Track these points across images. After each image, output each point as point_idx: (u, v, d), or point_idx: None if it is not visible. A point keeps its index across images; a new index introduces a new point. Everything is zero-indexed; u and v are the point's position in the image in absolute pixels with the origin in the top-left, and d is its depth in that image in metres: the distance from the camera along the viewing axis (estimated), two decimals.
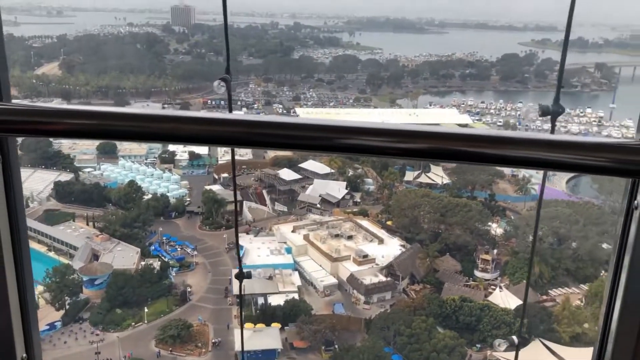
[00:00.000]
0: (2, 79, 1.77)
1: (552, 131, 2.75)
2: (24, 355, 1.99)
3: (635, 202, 1.81)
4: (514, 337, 51.08)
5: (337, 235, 68.57)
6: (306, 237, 68.37)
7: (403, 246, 67.44)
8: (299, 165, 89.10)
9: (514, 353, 49.85)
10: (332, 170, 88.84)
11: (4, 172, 1.84)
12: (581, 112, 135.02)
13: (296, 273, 62.80)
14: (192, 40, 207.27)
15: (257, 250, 65.60)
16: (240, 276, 3.85)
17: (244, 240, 67.28)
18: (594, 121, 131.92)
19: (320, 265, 64.19)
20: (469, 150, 1.45)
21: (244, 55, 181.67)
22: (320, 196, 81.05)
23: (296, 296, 57.95)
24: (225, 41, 3.78)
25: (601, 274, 62.42)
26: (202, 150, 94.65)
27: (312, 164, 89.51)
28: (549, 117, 2.65)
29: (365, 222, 73.36)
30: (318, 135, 1.50)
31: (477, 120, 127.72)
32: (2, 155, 1.83)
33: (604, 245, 66.85)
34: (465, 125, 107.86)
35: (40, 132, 1.60)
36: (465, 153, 1.45)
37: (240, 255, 35.04)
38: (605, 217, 71.82)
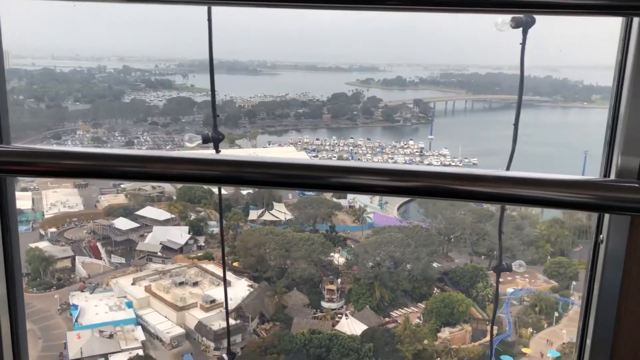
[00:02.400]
0: (2, 123, 1.84)
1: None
2: None
3: (601, 236, 1.93)
4: None
5: (181, 283, 66.16)
6: (148, 289, 65.01)
7: (251, 286, 67.05)
8: (136, 212, 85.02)
9: None
10: (173, 215, 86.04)
11: (1, 211, 1.85)
12: (405, 144, 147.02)
13: (139, 328, 59.24)
14: (8, 86, 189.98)
15: (95, 308, 60.87)
16: None
17: (79, 298, 62.16)
18: (417, 152, 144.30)
19: (166, 316, 61.31)
20: (455, 188, 1.53)
21: (69, 100, 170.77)
22: (161, 244, 77.88)
23: (140, 352, 54.56)
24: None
25: (434, 291, 67.52)
26: (25, 204, 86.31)
27: (150, 211, 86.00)
28: (361, 149, 2.80)
29: (210, 266, 71.80)
30: (309, 174, 1.54)
31: (314, 156, 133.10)
32: (1, 195, 1.84)
33: (435, 265, 72.65)
34: None
35: (36, 173, 1.66)
36: (451, 191, 1.53)
37: (75, 315, 32.35)
38: (433, 238, 78.19)
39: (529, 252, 77.36)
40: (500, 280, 72.17)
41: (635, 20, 1.66)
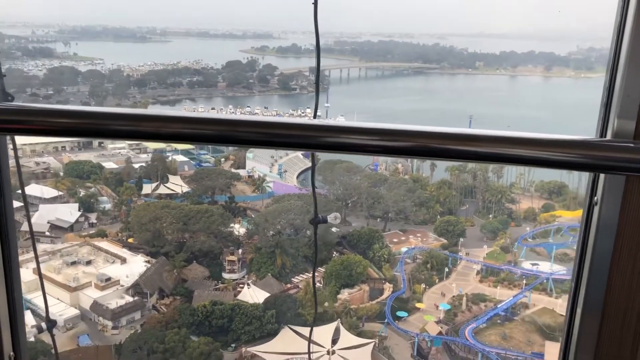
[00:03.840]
0: None
1: None
2: (12, 353, 2.04)
3: (595, 198, 1.90)
4: None
5: (73, 263, 63.12)
6: (36, 271, 61.39)
7: (148, 262, 65.32)
8: (18, 191, 79.32)
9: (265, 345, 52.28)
10: (61, 193, 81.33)
11: None
12: (302, 112, 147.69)
13: (28, 312, 55.98)
14: None
15: None
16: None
17: None
18: None
19: (58, 298, 58.35)
20: (447, 148, 1.51)
21: None
22: (49, 223, 73.47)
23: (32, 338, 51.68)
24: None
25: (334, 255, 69.43)
26: None
27: (35, 188, 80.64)
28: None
29: (104, 244, 68.98)
30: (301, 133, 1.53)
31: None
32: None
33: (333, 229, 74.48)
34: None
35: (30, 131, 1.61)
36: (443, 150, 1.51)
37: None
38: (332, 204, 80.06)
39: (420, 212, 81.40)
40: (395, 240, 75.25)
41: None
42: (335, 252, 70.87)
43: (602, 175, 1.84)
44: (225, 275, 65.07)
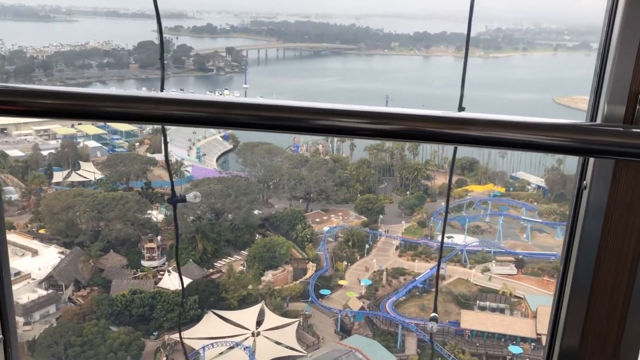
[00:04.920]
0: None
1: None
2: (1, 336, 2.07)
3: (585, 182, 1.90)
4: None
5: None
6: None
7: (62, 253, 62.38)
8: None
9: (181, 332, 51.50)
10: None
11: None
12: (220, 94, 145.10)
13: None
14: None
15: None
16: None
17: None
18: None
19: None
20: (440, 132, 1.51)
21: None
22: None
23: None
24: None
25: (257, 238, 69.26)
26: None
27: None
28: None
29: (12, 236, 64.99)
30: (293, 116, 1.53)
31: None
32: None
33: (256, 212, 74.22)
34: None
35: (17, 113, 1.58)
36: (436, 134, 1.52)
37: None
38: (253, 187, 79.57)
39: (341, 192, 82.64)
40: (317, 220, 76.02)
41: None
42: (258, 235, 70.71)
43: (591, 160, 1.86)
44: (145, 263, 63.34)
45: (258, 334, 53.15)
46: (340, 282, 63.12)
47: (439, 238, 73.11)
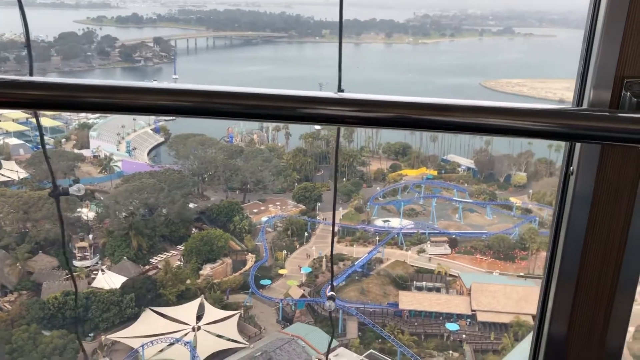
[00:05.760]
0: None
1: None
2: None
3: (571, 167, 1.86)
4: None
5: None
6: None
7: None
8: None
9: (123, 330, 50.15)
10: None
11: None
12: None
13: None
14: None
15: None
16: None
17: None
18: None
19: None
20: (427, 118, 1.51)
21: None
22: None
23: None
24: None
25: (193, 232, 68.05)
26: None
27: None
28: None
29: None
30: (280, 105, 1.52)
31: None
32: None
33: (191, 205, 72.87)
34: None
35: (3, 105, 1.56)
36: (423, 121, 1.51)
37: None
38: (187, 180, 78.04)
39: (278, 181, 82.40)
40: (255, 210, 75.56)
41: None
42: (194, 229, 69.53)
43: (577, 145, 1.85)
44: (77, 263, 61.03)
45: (198, 328, 52.44)
46: (281, 271, 63.14)
47: (377, 222, 74.56)
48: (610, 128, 1.51)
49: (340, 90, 1.97)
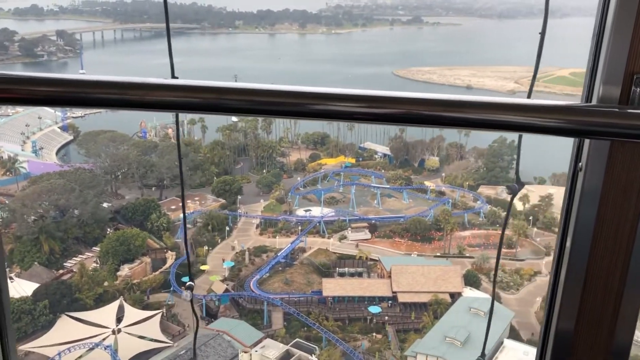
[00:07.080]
0: None
1: None
2: None
3: (580, 164, 1.83)
4: None
5: None
6: None
7: None
8: None
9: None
10: None
11: None
12: None
13: None
14: None
15: None
16: None
17: None
18: None
19: None
20: (437, 115, 1.51)
21: None
22: None
23: None
24: None
25: (108, 232, 65.47)
26: None
27: None
28: None
29: None
30: (289, 101, 1.52)
31: None
32: None
33: (105, 205, 70.08)
34: None
35: (10, 100, 1.56)
36: (433, 117, 1.52)
37: None
38: (99, 179, 74.98)
39: (196, 176, 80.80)
40: (173, 207, 73.82)
41: None
42: (109, 229, 67.01)
43: (586, 141, 1.84)
44: None
45: (119, 331, 50.79)
46: (203, 267, 62.17)
47: (299, 212, 74.99)
48: (619, 124, 1.50)
49: (173, 77, 2.06)
